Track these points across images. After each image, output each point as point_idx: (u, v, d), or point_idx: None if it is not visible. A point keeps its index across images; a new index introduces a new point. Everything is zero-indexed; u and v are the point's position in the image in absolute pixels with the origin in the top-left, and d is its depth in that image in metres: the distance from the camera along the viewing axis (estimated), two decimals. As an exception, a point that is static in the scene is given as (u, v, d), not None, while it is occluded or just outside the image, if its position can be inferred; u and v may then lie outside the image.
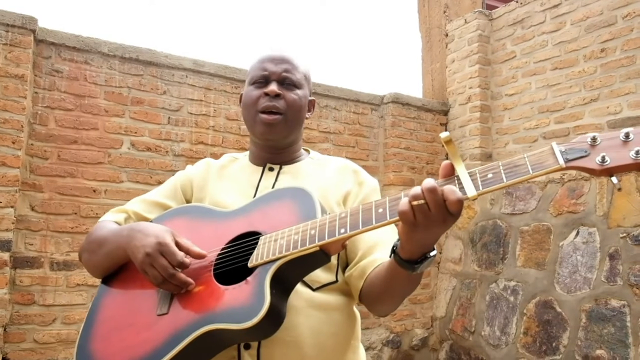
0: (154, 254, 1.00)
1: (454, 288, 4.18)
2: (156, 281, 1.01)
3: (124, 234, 1.11)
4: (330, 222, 0.93)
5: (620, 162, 0.72)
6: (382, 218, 0.87)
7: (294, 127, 1.25)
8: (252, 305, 0.91)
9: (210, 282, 1.02)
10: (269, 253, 0.97)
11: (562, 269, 3.45)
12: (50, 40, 3.02)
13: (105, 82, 3.17)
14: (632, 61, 3.47)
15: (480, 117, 4.35)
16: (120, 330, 1.06)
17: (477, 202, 4.22)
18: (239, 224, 1.09)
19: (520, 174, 0.78)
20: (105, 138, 3.13)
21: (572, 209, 3.52)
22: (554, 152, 0.77)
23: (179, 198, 1.28)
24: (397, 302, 1.09)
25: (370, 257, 1.11)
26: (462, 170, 0.82)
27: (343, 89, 4.12)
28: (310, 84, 1.32)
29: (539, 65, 4.05)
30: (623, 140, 0.74)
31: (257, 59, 1.28)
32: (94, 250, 1.18)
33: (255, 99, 1.22)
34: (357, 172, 1.27)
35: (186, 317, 0.99)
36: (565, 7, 3.89)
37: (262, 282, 0.94)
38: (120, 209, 1.27)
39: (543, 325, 3.42)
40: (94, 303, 1.15)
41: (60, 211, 2.97)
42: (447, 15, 4.88)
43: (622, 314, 3.05)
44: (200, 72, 3.49)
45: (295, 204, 1.04)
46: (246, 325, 0.89)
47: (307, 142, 3.87)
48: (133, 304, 1.09)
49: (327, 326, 1.09)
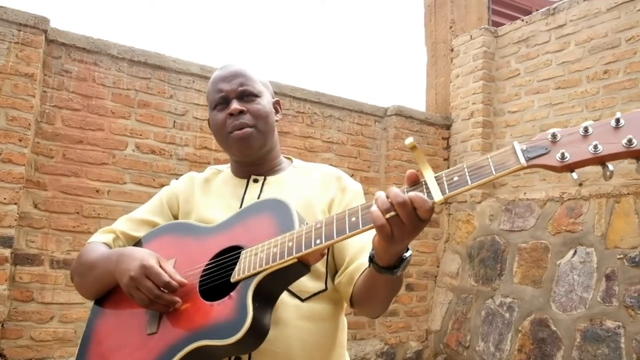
0: (138, 277, 1.02)
1: (450, 302, 4.20)
2: (143, 303, 1.03)
3: (112, 259, 1.13)
4: (307, 233, 0.94)
5: (579, 157, 0.72)
6: (355, 227, 0.89)
7: (267, 135, 1.25)
8: (236, 320, 0.93)
9: (196, 299, 1.04)
10: (249, 267, 0.98)
11: (558, 288, 3.46)
12: (61, 41, 3.06)
13: (113, 84, 3.20)
14: (635, 84, 3.50)
15: (483, 133, 4.38)
16: (114, 352, 1.09)
17: (475, 217, 4.24)
18: (222, 239, 1.11)
19: (484, 175, 0.77)
20: (110, 139, 3.16)
21: (570, 228, 3.55)
22: (515, 151, 0.76)
23: (165, 213, 1.29)
24: (386, 303, 1.11)
25: (357, 262, 1.13)
26: (429, 175, 0.83)
27: (347, 99, 4.16)
28: (270, 88, 1.33)
29: (542, 84, 4.09)
30: (582, 135, 0.73)
31: (210, 83, 1.28)
32: (85, 273, 1.20)
33: (222, 122, 1.23)
34: (340, 179, 1.27)
35: (174, 335, 1.01)
36: (570, 27, 3.94)
37: (244, 297, 0.96)
38: (108, 229, 1.28)
39: (537, 343, 3.43)
40: (87, 325, 1.18)
41: (63, 210, 2.99)
42: (453, 31, 4.92)
43: (616, 334, 3.07)
44: (207, 77, 3.52)
45: (274, 216, 1.06)
46: (230, 340, 0.92)
47: (310, 152, 3.90)
48: (124, 325, 1.11)
49: (316, 337, 1.10)
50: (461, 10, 5.01)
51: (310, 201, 1.19)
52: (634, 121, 0.71)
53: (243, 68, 1.27)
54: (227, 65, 1.28)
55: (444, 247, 4.45)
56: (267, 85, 1.32)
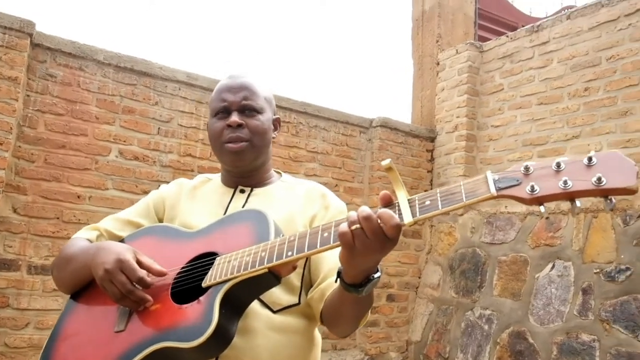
0: (113, 270, 1.03)
1: (431, 313, 4.22)
2: (115, 297, 1.04)
3: (90, 252, 1.14)
4: (280, 245, 0.96)
5: (548, 191, 0.74)
6: (327, 242, 0.90)
7: (260, 151, 1.28)
8: (201, 324, 0.94)
9: (166, 300, 1.05)
10: (222, 274, 1.00)
11: (536, 301, 3.50)
12: (47, 45, 3.06)
13: (98, 89, 3.20)
14: (614, 102, 3.58)
15: (466, 146, 4.44)
16: (80, 347, 1.10)
17: (457, 229, 4.28)
18: (200, 245, 1.13)
19: (455, 202, 0.80)
20: (93, 145, 3.16)
21: (549, 242, 3.60)
22: (487, 180, 0.79)
23: (151, 216, 1.30)
24: (353, 324, 1.11)
25: (331, 279, 1.14)
26: (402, 197, 0.85)
27: (333, 110, 4.19)
28: (273, 104, 1.35)
29: (525, 99, 4.16)
30: (555, 170, 0.75)
31: (215, 90, 1.30)
32: (63, 267, 1.21)
33: (219, 131, 1.25)
34: (325, 196, 1.29)
35: (140, 335, 1.02)
36: (553, 45, 4.01)
37: (212, 302, 0.97)
38: (93, 226, 1.29)
39: (515, 355, 3.47)
40: (59, 319, 1.19)
41: (43, 215, 2.97)
42: (439, 45, 4.99)
43: (592, 348, 3.11)
44: (193, 85, 3.54)
45: (253, 226, 1.08)
46: (193, 344, 0.93)
47: (295, 161, 3.92)
48: (94, 322, 1.12)
49: (286, 349, 1.11)
50: (448, 24, 5.08)
51: (292, 215, 1.20)
52: (606, 161, 0.73)
53: (250, 82, 1.28)
54: (235, 75, 1.30)
55: (426, 258, 4.48)
56: (271, 101, 1.34)
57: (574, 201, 0.73)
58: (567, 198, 0.74)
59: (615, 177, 0.71)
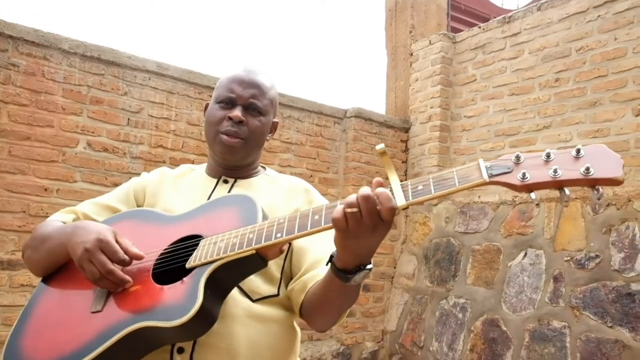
0: (93, 249, 1.00)
1: (406, 303, 4.25)
2: (93, 277, 1.01)
3: (67, 231, 1.10)
4: (269, 227, 0.95)
5: (539, 179, 0.77)
6: (317, 224, 0.90)
7: (253, 151, 1.27)
8: (185, 303, 0.92)
9: (147, 281, 1.02)
10: (207, 255, 0.98)
11: (509, 289, 3.55)
12: (8, 33, 2.94)
13: (64, 79, 3.10)
14: (583, 92, 3.63)
15: (440, 137, 4.46)
16: (52, 327, 1.06)
17: (432, 219, 4.31)
18: (183, 228, 1.11)
19: (448, 187, 0.82)
20: (60, 136, 3.06)
21: (521, 230, 3.65)
22: (479, 167, 0.81)
23: (131, 203, 1.28)
24: (334, 316, 1.11)
25: (314, 272, 1.13)
26: (395, 181, 0.86)
27: (307, 100, 4.16)
28: (276, 108, 1.34)
29: (497, 90, 4.19)
30: (544, 160, 0.79)
31: (227, 77, 1.28)
32: (36, 247, 1.17)
33: (218, 119, 1.23)
34: (308, 191, 1.29)
35: (119, 315, 0.99)
36: (524, 36, 4.05)
37: (197, 283, 0.95)
38: (70, 209, 1.26)
39: (489, 343, 3.52)
40: (30, 300, 1.14)
41: (8, 209, 2.87)
42: (412, 35, 4.99)
43: (562, 334, 3.17)
44: (163, 75, 3.46)
45: (239, 210, 1.06)
46: (176, 322, 0.90)
47: (269, 152, 3.88)
48: (68, 302, 1.09)
49: (265, 337, 1.09)
50: (421, 15, 5.09)
51: (274, 207, 1.19)
52: (593, 153, 0.77)
53: (262, 81, 1.27)
54: (250, 70, 1.28)
55: (401, 248, 4.51)
56: (275, 103, 1.33)
57: (562, 190, 0.76)
58: (557, 186, 0.77)
59: (602, 168, 0.74)
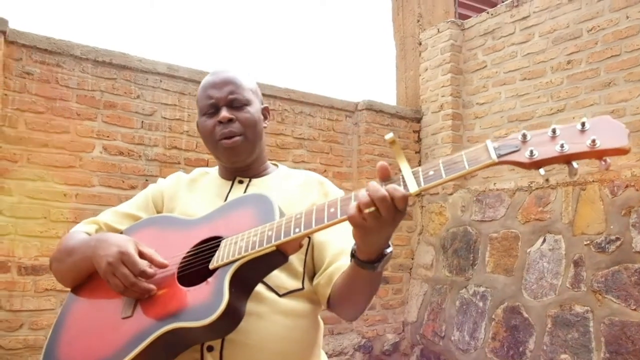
0: (115, 263, 1.03)
1: (425, 293, 4.25)
2: (118, 289, 1.04)
3: (91, 244, 1.13)
4: (286, 222, 0.97)
5: (547, 155, 0.77)
6: (334, 217, 0.92)
7: (255, 143, 1.28)
8: (211, 303, 0.95)
9: (173, 285, 1.05)
10: (229, 255, 1.01)
11: (529, 275, 3.53)
12: (21, 42, 2.98)
13: (78, 85, 3.14)
14: (597, 73, 3.59)
15: (452, 125, 4.44)
16: (85, 335, 1.09)
17: (448, 209, 4.30)
18: (203, 230, 1.13)
19: (458, 170, 0.82)
20: (76, 142, 3.10)
21: (539, 216, 3.62)
22: (487, 148, 0.81)
23: (150, 209, 1.30)
24: (364, 304, 1.13)
25: (337, 264, 1.15)
26: (406, 168, 0.87)
27: (318, 95, 4.16)
28: (259, 94, 1.34)
29: (509, 75, 4.16)
30: (551, 136, 0.79)
31: (201, 88, 1.29)
32: (63, 259, 1.20)
33: (211, 129, 1.25)
34: (323, 184, 1.30)
35: (149, 319, 1.02)
36: (533, 19, 4.00)
37: (221, 282, 0.98)
38: (92, 220, 1.29)
39: (510, 330, 3.50)
40: (62, 311, 1.18)
41: (30, 215, 2.93)
42: (420, 24, 4.96)
43: (585, 319, 3.15)
44: (174, 76, 3.48)
45: (256, 209, 1.09)
46: (205, 322, 0.93)
47: (282, 148, 3.89)
48: (99, 310, 1.12)
49: (291, 332, 1.11)
50: (428, 3, 5.05)
51: (291, 203, 1.20)
52: (598, 125, 0.77)
53: (233, 75, 1.28)
54: (218, 71, 1.29)
55: (418, 239, 4.50)
56: (257, 92, 1.34)
57: (570, 164, 0.77)
58: (565, 161, 0.77)
59: (608, 139, 0.74)
